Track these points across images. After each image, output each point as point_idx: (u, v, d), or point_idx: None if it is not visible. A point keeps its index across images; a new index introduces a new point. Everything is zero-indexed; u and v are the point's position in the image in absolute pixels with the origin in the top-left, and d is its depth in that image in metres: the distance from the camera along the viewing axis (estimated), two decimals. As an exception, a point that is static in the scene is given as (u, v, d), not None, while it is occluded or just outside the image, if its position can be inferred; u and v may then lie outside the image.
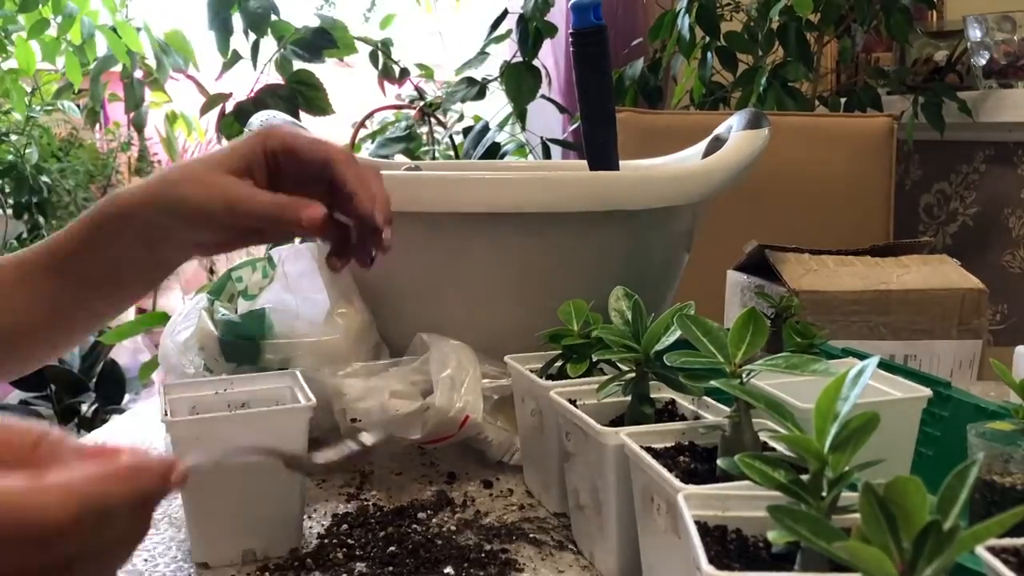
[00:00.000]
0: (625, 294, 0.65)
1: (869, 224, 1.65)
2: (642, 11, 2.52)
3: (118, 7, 2.36)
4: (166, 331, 0.84)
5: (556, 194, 0.78)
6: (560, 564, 0.61)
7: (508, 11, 2.16)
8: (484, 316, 0.81)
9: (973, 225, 2.27)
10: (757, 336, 0.52)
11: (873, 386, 0.64)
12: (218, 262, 3.13)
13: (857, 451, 0.40)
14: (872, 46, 2.43)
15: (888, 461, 0.40)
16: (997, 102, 2.10)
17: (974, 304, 1.01)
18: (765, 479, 0.41)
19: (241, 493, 0.60)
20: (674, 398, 0.63)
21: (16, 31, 2.33)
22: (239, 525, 0.61)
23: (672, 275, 0.91)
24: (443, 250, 0.81)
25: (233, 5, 1.90)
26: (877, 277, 1.03)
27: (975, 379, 1.01)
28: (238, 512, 0.61)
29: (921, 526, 0.32)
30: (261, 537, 0.61)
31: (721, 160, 0.86)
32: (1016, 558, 0.36)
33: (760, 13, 2.02)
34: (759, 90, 1.96)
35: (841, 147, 1.68)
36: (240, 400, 0.67)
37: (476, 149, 2.13)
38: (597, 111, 0.94)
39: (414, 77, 2.33)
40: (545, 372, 0.69)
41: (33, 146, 2.37)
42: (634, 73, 2.20)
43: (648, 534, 0.52)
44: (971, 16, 2.12)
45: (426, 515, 0.68)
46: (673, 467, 0.50)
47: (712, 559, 0.39)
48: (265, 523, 0.62)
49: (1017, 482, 0.54)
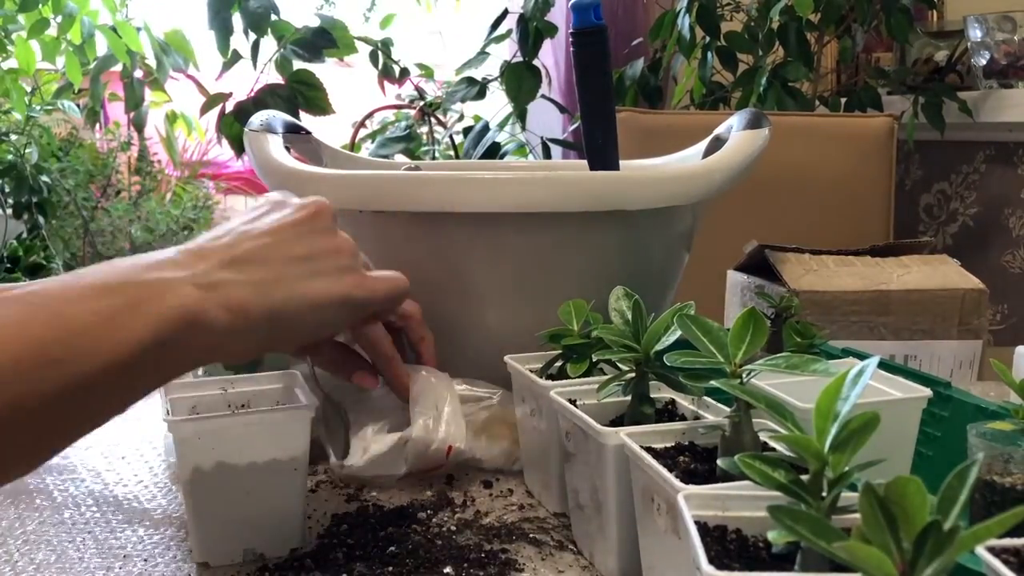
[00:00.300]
0: (625, 294, 0.65)
1: (869, 224, 1.65)
2: (642, 11, 2.52)
3: (118, 7, 2.36)
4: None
5: (556, 194, 0.78)
6: (560, 564, 0.61)
7: (508, 11, 2.17)
8: (484, 316, 0.81)
9: (973, 225, 2.27)
10: (757, 336, 0.52)
11: (873, 386, 0.65)
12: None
13: (857, 451, 0.40)
14: (872, 46, 2.43)
15: (888, 461, 0.40)
16: (997, 102, 2.10)
17: (974, 304, 1.01)
18: (765, 479, 0.41)
19: (242, 493, 0.60)
20: (674, 398, 0.63)
21: (16, 31, 2.33)
22: (240, 525, 0.61)
23: (672, 275, 0.91)
24: (443, 250, 0.81)
25: (233, 5, 1.90)
26: (877, 277, 1.03)
27: (975, 379, 1.01)
28: (239, 512, 0.61)
29: (921, 526, 0.32)
30: (262, 537, 0.61)
31: (721, 160, 0.86)
32: (1016, 558, 0.36)
33: (760, 13, 2.03)
34: (759, 90, 1.96)
35: (841, 147, 1.68)
36: (241, 400, 0.67)
37: (476, 149, 2.14)
38: (597, 111, 0.94)
39: (414, 77, 2.33)
40: (545, 372, 0.69)
41: (33, 146, 2.37)
42: (634, 73, 2.20)
43: (648, 534, 0.52)
44: (971, 16, 2.12)
45: (426, 515, 0.68)
46: (673, 467, 0.50)
47: (712, 559, 0.39)
48: (266, 523, 0.62)
49: (1017, 482, 0.54)
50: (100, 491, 0.73)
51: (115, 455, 0.81)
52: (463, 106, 2.38)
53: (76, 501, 0.71)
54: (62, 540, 0.64)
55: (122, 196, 2.56)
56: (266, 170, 0.87)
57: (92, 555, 0.62)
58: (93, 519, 0.68)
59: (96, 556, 0.62)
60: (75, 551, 0.63)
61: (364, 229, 0.84)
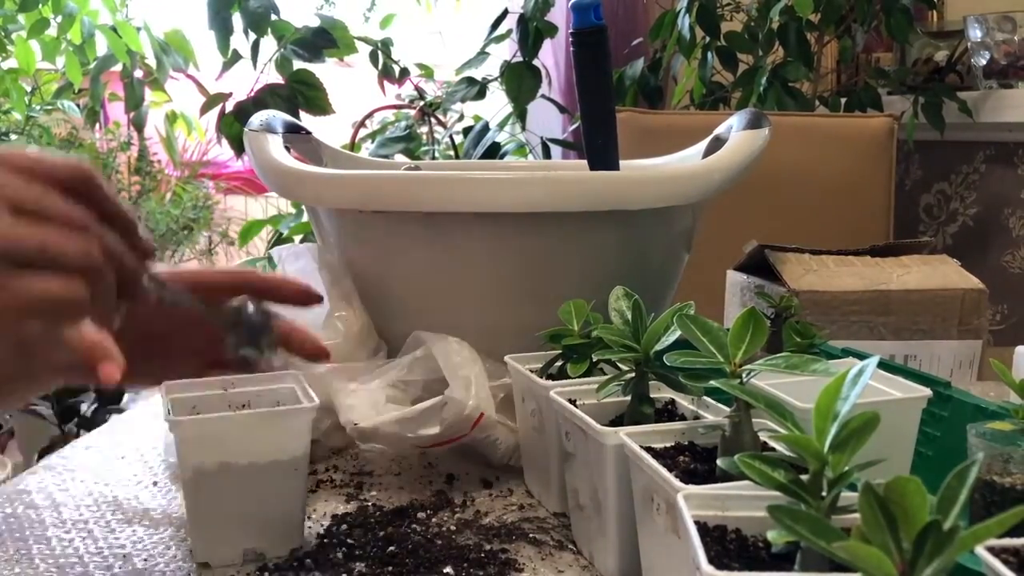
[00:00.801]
0: (625, 294, 0.65)
1: (869, 224, 1.65)
2: (642, 11, 2.52)
3: (118, 7, 2.36)
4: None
5: (556, 194, 0.78)
6: (560, 564, 0.61)
7: (508, 11, 2.16)
8: (484, 316, 0.81)
9: (973, 225, 2.27)
10: (757, 336, 0.52)
11: (873, 386, 0.65)
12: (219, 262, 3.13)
13: (857, 451, 0.40)
14: (872, 46, 2.43)
15: (888, 461, 0.40)
16: (997, 102, 2.10)
17: (974, 304, 1.01)
18: (765, 479, 0.41)
19: (243, 493, 0.60)
20: (674, 398, 0.63)
21: (16, 31, 2.33)
22: (240, 525, 0.61)
23: (672, 275, 0.91)
24: (443, 250, 0.81)
25: (233, 5, 1.90)
26: (877, 277, 1.03)
27: (975, 379, 1.01)
28: (239, 512, 0.61)
29: (921, 526, 0.32)
30: (262, 537, 0.61)
31: (721, 160, 0.86)
32: (1016, 558, 0.36)
33: (760, 13, 2.03)
34: (759, 90, 1.96)
35: (841, 147, 1.68)
36: (242, 400, 0.67)
37: (476, 149, 2.14)
38: (597, 111, 0.94)
39: (414, 77, 2.33)
40: (545, 372, 0.69)
41: (33, 146, 2.37)
42: (634, 73, 2.20)
43: (648, 534, 0.52)
44: (971, 16, 2.12)
45: (426, 515, 0.68)
46: (673, 467, 0.50)
47: (712, 559, 0.39)
48: (266, 523, 0.62)
49: (1017, 482, 0.54)
50: (100, 491, 0.73)
51: (115, 455, 0.81)
52: (463, 106, 2.38)
53: (76, 501, 0.71)
54: (62, 540, 0.64)
55: (122, 196, 2.56)
56: (266, 170, 0.87)
57: (92, 555, 0.62)
58: (93, 519, 0.68)
59: (96, 556, 0.62)
60: (75, 551, 0.63)
61: (364, 229, 0.84)
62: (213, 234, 3.12)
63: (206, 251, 3.14)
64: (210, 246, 3.15)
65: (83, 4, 2.31)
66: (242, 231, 2.23)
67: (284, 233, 2.06)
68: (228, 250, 3.13)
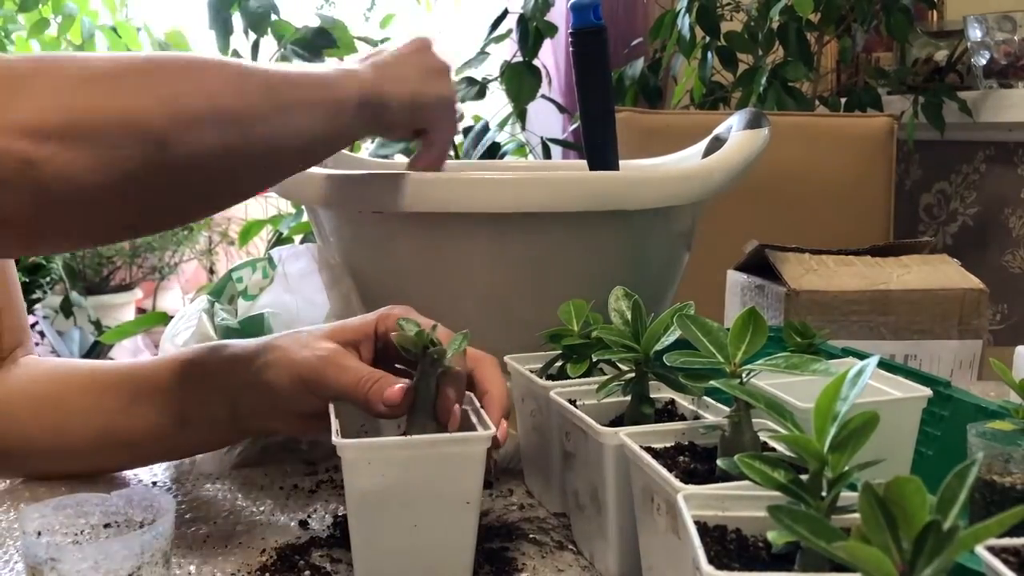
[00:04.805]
0: (625, 294, 0.65)
1: (869, 224, 1.65)
2: (642, 11, 2.53)
3: (118, 7, 2.36)
4: (166, 334, 0.84)
5: (556, 194, 0.78)
6: (560, 564, 0.61)
7: (508, 11, 2.16)
8: (484, 316, 0.81)
9: (973, 225, 2.27)
10: (757, 336, 0.52)
11: (873, 386, 0.65)
12: (218, 262, 3.14)
13: (857, 451, 0.40)
14: (872, 46, 2.44)
15: (888, 461, 0.40)
16: (997, 102, 2.10)
17: (974, 304, 1.01)
18: (765, 479, 0.41)
19: (409, 524, 0.56)
20: (674, 398, 0.63)
21: (16, 31, 2.33)
22: (405, 557, 0.56)
23: (672, 275, 0.91)
24: (443, 250, 0.81)
25: (233, 5, 1.90)
26: (877, 277, 1.03)
27: (975, 379, 1.01)
28: (404, 544, 0.56)
29: (921, 526, 0.32)
30: (428, 573, 0.57)
31: (721, 160, 0.86)
32: (1016, 558, 0.36)
33: (760, 13, 2.03)
34: (759, 90, 1.96)
35: (841, 147, 1.68)
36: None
37: (476, 149, 2.14)
38: (597, 111, 0.94)
39: (414, 77, 2.32)
40: (545, 372, 0.69)
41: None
42: (634, 73, 2.20)
43: (648, 534, 0.52)
44: (971, 16, 2.13)
45: (426, 515, 0.68)
46: (673, 467, 0.50)
47: (712, 559, 0.39)
48: (433, 558, 0.56)
49: (1017, 482, 0.54)
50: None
51: (115, 455, 0.81)
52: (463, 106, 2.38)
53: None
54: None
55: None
56: (266, 170, 0.87)
57: (92, 555, 0.62)
58: (93, 519, 0.68)
59: (96, 556, 0.62)
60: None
61: (364, 229, 0.84)
62: (213, 234, 3.12)
63: (206, 251, 3.14)
64: (210, 246, 3.15)
65: (83, 4, 2.31)
66: (242, 231, 2.23)
67: (284, 233, 2.06)
68: (228, 250, 3.13)
